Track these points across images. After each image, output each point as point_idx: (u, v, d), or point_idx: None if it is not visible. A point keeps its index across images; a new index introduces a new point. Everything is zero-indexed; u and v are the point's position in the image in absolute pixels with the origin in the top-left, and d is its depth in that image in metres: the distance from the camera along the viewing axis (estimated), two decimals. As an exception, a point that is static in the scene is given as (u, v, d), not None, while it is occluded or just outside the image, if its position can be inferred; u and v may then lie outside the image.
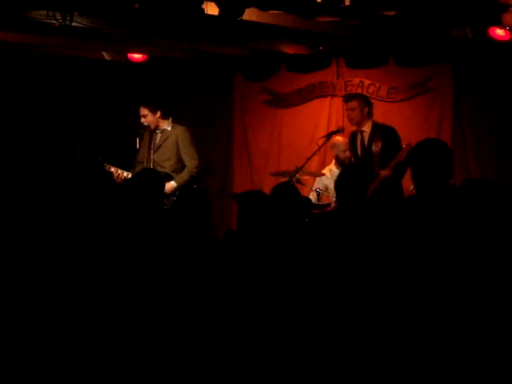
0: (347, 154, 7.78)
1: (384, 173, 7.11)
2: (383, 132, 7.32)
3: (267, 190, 5.43)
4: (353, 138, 7.56)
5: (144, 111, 7.69)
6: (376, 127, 7.37)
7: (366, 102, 7.46)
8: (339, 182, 5.08)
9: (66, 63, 9.60)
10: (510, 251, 3.89)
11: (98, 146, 9.36)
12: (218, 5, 5.83)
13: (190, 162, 7.69)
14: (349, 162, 7.78)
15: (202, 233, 4.53)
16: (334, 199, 7.17)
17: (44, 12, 6.19)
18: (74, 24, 6.27)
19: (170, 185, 7.53)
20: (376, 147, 7.31)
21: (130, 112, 9.55)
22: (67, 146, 9.52)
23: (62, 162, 9.52)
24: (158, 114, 7.69)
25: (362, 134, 7.41)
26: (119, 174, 7.69)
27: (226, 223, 9.33)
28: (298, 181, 7.77)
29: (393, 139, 7.30)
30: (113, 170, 7.70)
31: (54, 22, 6.11)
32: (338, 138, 7.88)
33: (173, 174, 7.64)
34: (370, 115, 7.41)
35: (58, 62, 9.56)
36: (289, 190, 5.08)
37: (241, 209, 4.70)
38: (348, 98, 7.58)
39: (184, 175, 7.64)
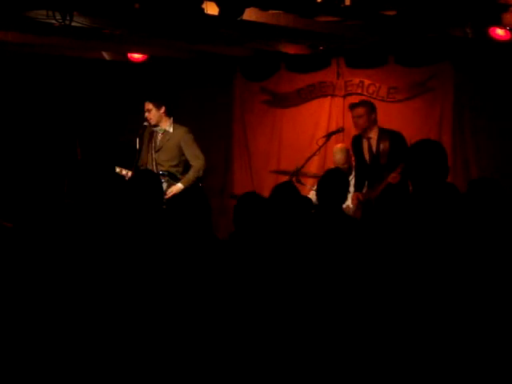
0: (341, 161, 7.98)
1: (392, 175, 7.04)
2: (390, 137, 7.23)
3: (267, 190, 5.44)
4: (357, 142, 7.47)
5: (149, 106, 7.62)
6: (382, 132, 7.28)
7: (372, 108, 7.38)
8: (320, 186, 5.28)
9: (66, 63, 9.61)
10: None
11: (97, 146, 9.38)
12: (218, 5, 5.83)
13: (196, 162, 7.57)
14: (343, 167, 7.81)
15: (201, 232, 4.52)
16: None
17: (44, 12, 6.19)
18: (73, 24, 6.27)
19: (177, 187, 7.44)
20: (384, 153, 7.21)
21: (130, 112, 9.57)
22: (67, 147, 9.53)
23: (62, 163, 9.54)
24: (163, 109, 7.63)
25: (369, 141, 7.30)
26: (124, 174, 7.66)
27: (226, 223, 9.33)
28: (298, 181, 7.80)
29: (400, 144, 7.20)
30: (117, 170, 7.67)
31: (54, 21, 6.11)
32: (337, 146, 8.14)
33: (176, 175, 7.61)
34: (375, 121, 7.34)
35: (58, 62, 9.56)
36: (289, 190, 5.08)
37: (237, 211, 4.73)
38: (354, 105, 7.47)
39: (190, 176, 7.53)
